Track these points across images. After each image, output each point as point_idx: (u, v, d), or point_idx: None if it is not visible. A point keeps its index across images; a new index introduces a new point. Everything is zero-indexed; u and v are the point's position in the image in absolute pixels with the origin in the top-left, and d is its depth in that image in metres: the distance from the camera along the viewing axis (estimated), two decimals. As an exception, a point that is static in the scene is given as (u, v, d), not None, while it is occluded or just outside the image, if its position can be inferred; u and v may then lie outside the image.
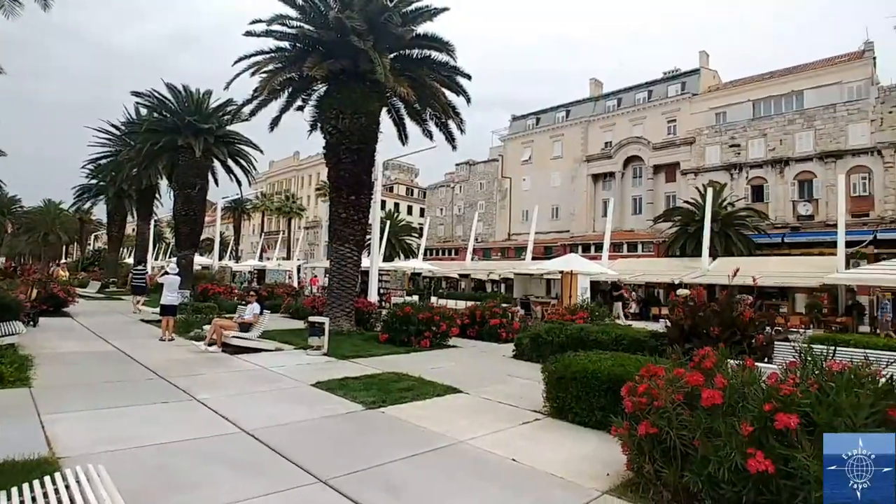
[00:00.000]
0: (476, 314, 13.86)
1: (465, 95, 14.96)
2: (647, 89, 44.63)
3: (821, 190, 30.94)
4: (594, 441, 5.17)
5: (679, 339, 7.64)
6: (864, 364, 3.81)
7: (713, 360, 4.01)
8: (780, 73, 37.46)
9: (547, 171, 48.49)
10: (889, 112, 29.49)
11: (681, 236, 29.16)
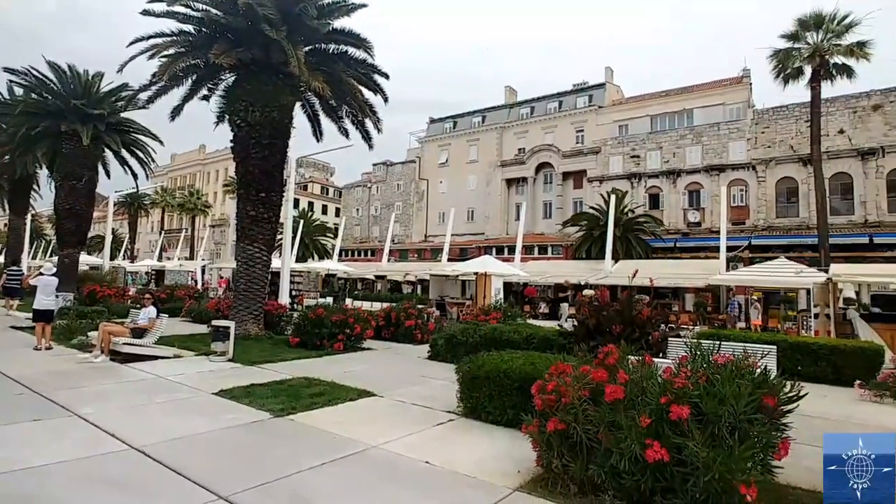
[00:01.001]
0: (391, 316, 13.73)
1: (383, 94, 14.81)
2: (559, 99, 46.86)
3: (707, 200, 34.16)
4: (507, 439, 5.27)
5: (585, 337, 8.05)
6: (745, 356, 4.20)
7: (616, 356, 4.23)
8: (674, 92, 40.91)
9: (463, 174, 49.35)
10: (762, 132, 33.21)
11: (587, 240, 30.90)
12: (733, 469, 3.17)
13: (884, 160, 29.17)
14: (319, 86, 12.64)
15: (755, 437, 3.51)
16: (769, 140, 32.82)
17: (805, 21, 25.71)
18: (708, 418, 3.48)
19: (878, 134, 29.51)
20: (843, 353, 9.47)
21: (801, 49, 25.80)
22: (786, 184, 32.13)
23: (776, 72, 26.83)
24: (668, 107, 39.65)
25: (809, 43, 25.55)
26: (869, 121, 29.90)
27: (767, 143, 32.83)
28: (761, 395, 3.64)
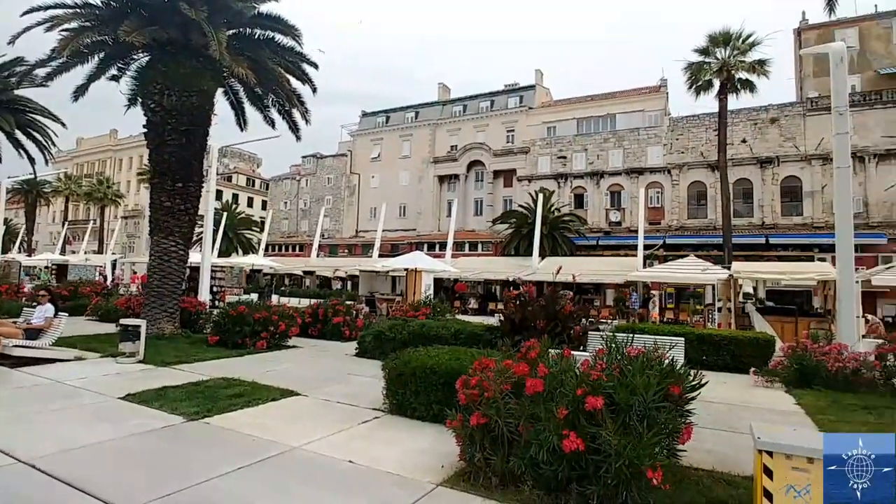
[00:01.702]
0: (318, 312, 13.39)
1: (311, 84, 14.36)
2: (490, 99, 47.67)
3: (627, 200, 36.10)
4: (432, 435, 5.28)
5: (510, 331, 8.24)
6: (654, 349, 4.47)
7: (537, 351, 4.35)
8: (599, 97, 42.83)
9: (395, 169, 49.05)
10: (676, 139, 35.55)
11: (515, 237, 31.73)
12: (641, 455, 3.35)
13: (779, 168, 32.16)
14: (243, 72, 12.04)
15: (662, 423, 3.74)
16: (682, 146, 35.19)
17: (715, 38, 27.78)
18: (620, 408, 3.66)
19: (775, 144, 32.48)
20: (740, 343, 10.35)
21: (711, 63, 27.85)
22: (696, 187, 34.61)
23: (689, 83, 28.81)
24: (594, 111, 41.46)
25: (718, 58, 27.64)
26: (767, 132, 32.83)
27: (681, 150, 35.19)
28: (668, 385, 3.89)
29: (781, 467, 3.36)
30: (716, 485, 4.24)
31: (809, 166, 31.17)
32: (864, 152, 29.45)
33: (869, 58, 33.21)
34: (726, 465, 4.67)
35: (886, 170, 29.51)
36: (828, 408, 7.12)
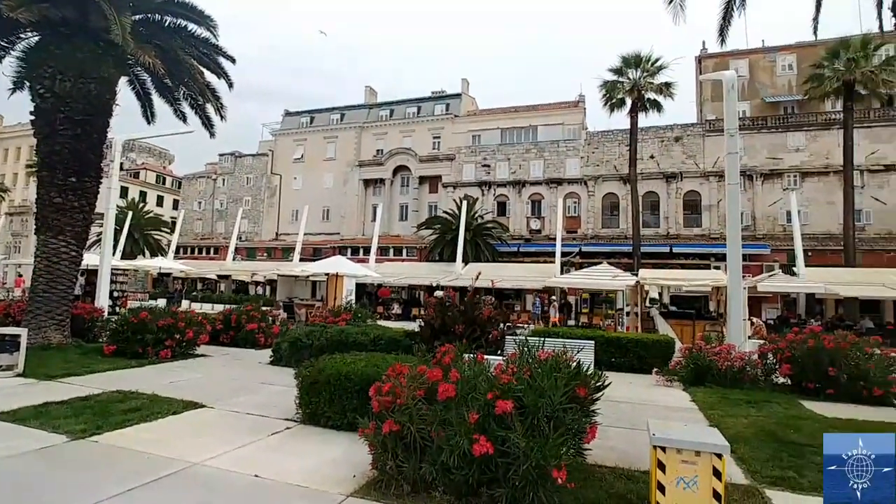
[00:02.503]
0: (231, 318, 12.70)
1: (227, 79, 13.67)
2: (417, 105, 47.85)
3: (547, 209, 37.56)
4: (345, 444, 5.14)
5: (430, 337, 8.24)
6: (563, 352, 4.63)
7: (451, 356, 4.37)
8: (522, 109, 44.29)
9: (319, 171, 47.85)
10: (592, 152, 37.54)
11: (440, 243, 31.98)
12: (548, 456, 3.45)
13: (682, 183, 34.87)
14: (150, 61, 11.24)
15: (568, 424, 3.88)
16: (598, 159, 37.22)
17: (628, 59, 29.75)
18: (529, 410, 3.75)
19: (678, 161, 35.19)
20: (645, 345, 11.05)
21: (623, 83, 29.78)
22: (610, 199, 36.70)
23: (605, 100, 30.64)
24: (517, 122, 42.82)
25: (630, 78, 29.62)
26: (672, 149, 35.52)
27: (596, 162, 37.20)
28: (574, 386, 4.04)
29: (673, 461, 3.60)
30: (618, 480, 4.46)
31: (707, 182, 34.05)
32: (752, 171, 32.64)
33: (757, 87, 36.92)
34: (628, 461, 4.93)
35: (770, 188, 32.88)
36: (718, 403, 7.75)
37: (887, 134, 30.58)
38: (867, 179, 30.56)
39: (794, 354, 8.98)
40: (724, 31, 11.56)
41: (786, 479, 4.65)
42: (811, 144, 32.56)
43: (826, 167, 31.36)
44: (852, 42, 25.99)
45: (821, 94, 27.61)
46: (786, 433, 6.10)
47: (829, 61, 26.80)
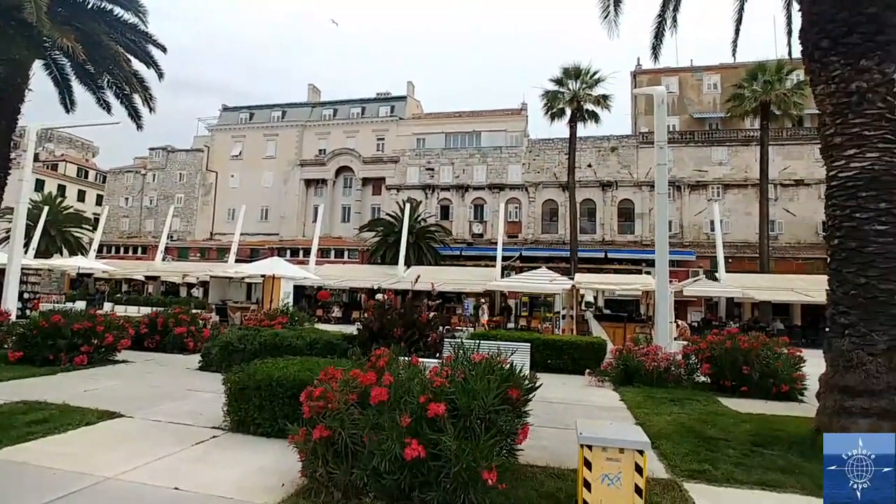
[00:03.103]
0: (158, 322, 12.00)
1: (157, 69, 12.96)
2: (362, 105, 47.33)
3: (489, 214, 38.15)
4: (275, 452, 4.97)
5: (369, 340, 8.14)
6: (497, 354, 4.70)
7: (386, 359, 4.33)
8: (467, 114, 44.81)
9: (259, 169, 46.28)
10: (533, 159, 38.54)
11: (382, 245, 31.75)
12: (479, 458, 3.48)
13: (617, 191, 36.45)
14: (69, 44, 10.45)
15: (500, 426, 3.93)
16: (539, 166, 38.24)
17: (568, 70, 30.80)
18: (462, 413, 3.77)
19: (614, 170, 36.77)
20: (579, 347, 11.43)
21: (564, 93, 30.79)
22: (549, 205, 37.78)
23: (546, 109, 31.56)
24: (461, 126, 43.26)
25: (570, 89, 30.68)
26: (608, 159, 37.06)
27: (537, 169, 38.21)
28: (507, 388, 4.11)
29: (599, 458, 3.73)
30: (548, 479, 4.57)
31: (641, 191, 35.77)
32: (680, 182, 34.62)
33: (686, 103, 39.25)
34: (559, 460, 5.06)
35: (696, 198, 35.01)
36: (644, 402, 8.13)
37: (797, 151, 33.34)
38: (780, 193, 33.16)
39: (713, 355, 9.57)
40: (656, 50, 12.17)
41: (702, 471, 4.93)
42: (732, 159, 34.99)
43: (745, 180, 33.76)
44: (768, 66, 28.21)
45: (741, 112, 29.82)
46: (704, 429, 6.48)
47: (749, 83, 28.96)
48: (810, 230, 31.75)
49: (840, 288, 5.80)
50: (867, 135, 5.70)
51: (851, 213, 5.74)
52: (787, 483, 4.69)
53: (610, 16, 10.73)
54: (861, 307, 5.53)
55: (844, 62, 5.84)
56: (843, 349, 5.59)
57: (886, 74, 5.72)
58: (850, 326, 5.58)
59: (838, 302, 5.80)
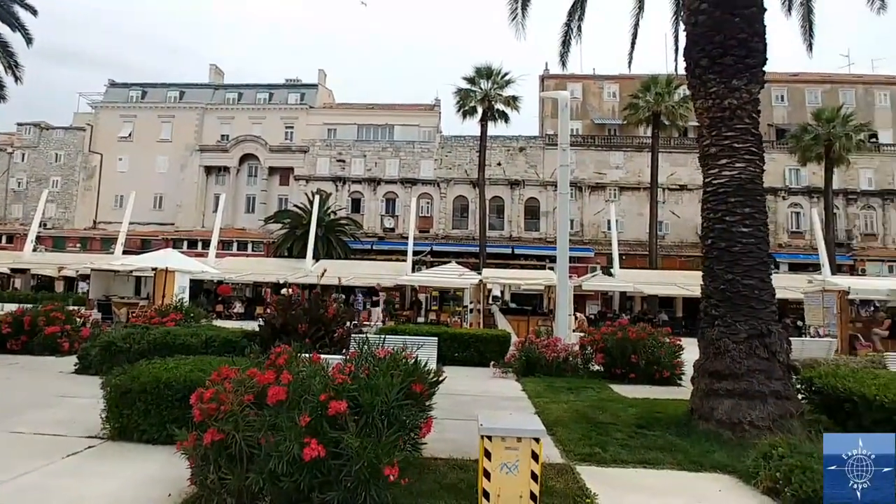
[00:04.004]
0: (24, 320, 10.65)
1: (26, 33, 11.41)
2: (269, 91, 45.10)
3: (401, 208, 38.11)
4: (162, 460, 4.61)
5: (270, 337, 7.81)
6: (402, 349, 4.70)
7: (286, 356, 4.17)
8: (380, 107, 44.30)
9: (151, 153, 42.55)
10: (445, 155, 39.02)
11: (289, 238, 30.61)
12: (381, 454, 3.46)
13: (524, 190, 37.96)
14: None
15: (404, 420, 3.94)
16: (450, 163, 38.78)
17: (480, 70, 31.50)
18: (364, 409, 3.72)
19: (522, 170, 38.24)
20: (484, 340, 11.79)
21: (476, 92, 31.46)
22: (460, 201, 38.50)
23: (458, 107, 32.08)
24: (374, 119, 42.71)
25: (482, 89, 31.40)
26: (516, 159, 38.46)
27: (449, 166, 38.74)
28: (411, 383, 4.12)
29: (498, 448, 3.85)
30: (451, 471, 4.66)
31: (546, 191, 37.51)
32: (581, 183, 36.76)
33: (588, 109, 41.68)
34: (462, 452, 5.17)
35: (596, 198, 37.40)
36: (544, 391, 8.55)
37: (682, 159, 36.67)
38: (667, 196, 36.32)
39: (606, 345, 10.30)
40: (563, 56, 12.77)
41: (593, 454, 5.28)
42: (628, 163, 37.77)
43: (638, 184, 36.55)
44: (659, 80, 30.73)
45: (636, 120, 32.27)
46: (596, 414, 6.94)
47: (643, 94, 31.37)
48: (692, 231, 35.08)
49: (712, 283, 6.47)
50: (737, 147, 6.39)
51: (722, 217, 6.41)
52: (665, 460, 5.16)
53: (518, 18, 11.10)
54: (728, 300, 6.20)
55: (720, 80, 6.49)
56: (713, 338, 6.24)
57: (752, 94, 6.45)
58: (720, 318, 6.25)
59: (710, 296, 6.47)
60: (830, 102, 36.33)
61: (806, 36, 11.09)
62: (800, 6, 10.70)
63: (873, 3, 9.89)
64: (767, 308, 6.14)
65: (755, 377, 5.82)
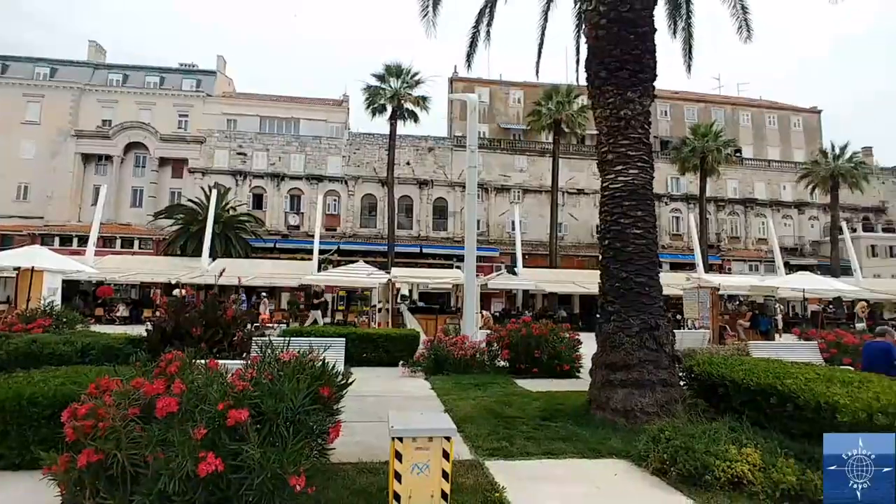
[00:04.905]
0: None
1: None
2: (161, 75, 41.44)
3: (306, 205, 36.80)
4: (26, 488, 4.04)
5: (160, 342, 7.14)
6: (309, 351, 4.50)
7: (178, 364, 3.82)
8: (285, 99, 42.45)
9: (14, 136, 37.31)
10: (354, 152, 38.29)
11: (182, 235, 28.41)
12: (286, 464, 3.27)
13: (432, 190, 38.30)
14: None
15: (311, 426, 3.76)
16: (359, 160, 38.14)
17: (390, 68, 31.27)
18: (268, 417, 3.51)
19: (430, 170, 38.56)
20: (393, 339, 11.71)
21: (385, 90, 31.19)
22: (369, 199, 37.99)
23: (367, 104, 31.61)
24: (278, 112, 40.84)
25: (392, 87, 31.19)
26: (425, 158, 38.71)
27: (357, 163, 38.08)
28: (318, 387, 3.95)
29: (409, 449, 3.81)
30: (360, 475, 4.55)
31: (454, 191, 38.14)
32: (488, 185, 37.82)
33: (495, 113, 42.99)
34: (373, 454, 5.07)
35: (501, 200, 38.68)
36: (452, 389, 8.66)
37: (580, 165, 39.03)
38: (566, 199, 38.45)
39: (511, 341, 10.66)
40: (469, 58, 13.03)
41: (501, 449, 5.42)
42: (531, 167, 39.50)
43: (540, 187, 38.33)
44: (561, 89, 32.47)
45: (538, 127, 33.86)
46: (503, 409, 7.14)
47: (545, 102, 32.97)
48: (588, 232, 37.45)
49: (608, 281, 6.91)
50: (631, 154, 6.89)
51: (617, 219, 6.88)
52: (567, 450, 5.42)
53: (429, 15, 11.16)
54: (622, 297, 6.67)
55: (616, 92, 6.96)
56: (609, 332, 6.68)
57: (645, 106, 6.99)
58: (615, 313, 6.70)
59: (607, 293, 6.92)
60: (704, 119, 40.89)
61: (686, 58, 12.24)
62: (682, 30, 11.78)
63: (741, 33, 11.15)
64: (656, 303, 6.68)
65: (646, 367, 6.30)
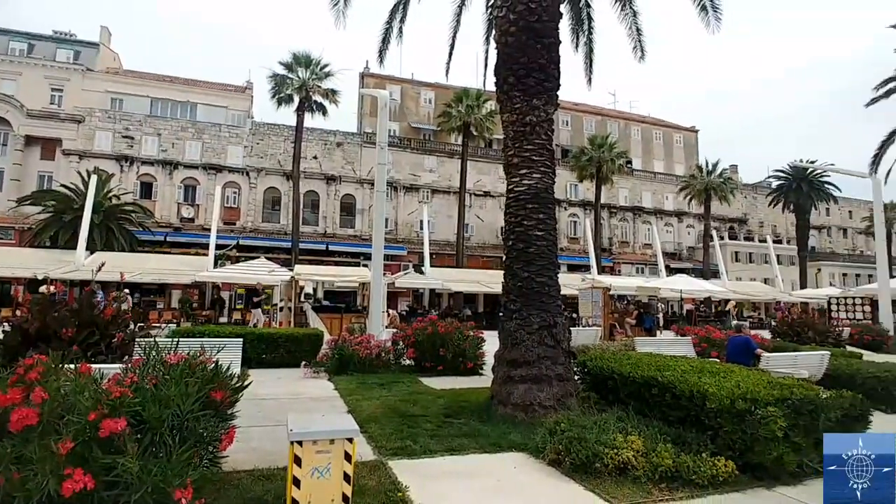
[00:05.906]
0: None
1: None
2: (29, 41, 36.52)
3: (203, 197, 34.34)
4: None
5: (21, 346, 6.28)
6: (200, 353, 4.19)
7: (41, 369, 3.36)
8: (180, 81, 39.19)
9: None
10: (257, 143, 36.37)
11: (53, 224, 25.23)
12: (171, 476, 3.00)
13: (340, 186, 37.43)
14: None
15: (201, 433, 3.49)
16: (262, 151, 36.29)
17: (299, 57, 30.09)
18: (151, 425, 3.20)
19: (339, 165, 37.66)
20: (295, 339, 11.25)
21: (293, 80, 29.94)
22: (272, 193, 36.27)
23: (273, 93, 30.18)
24: (172, 94, 37.65)
25: (300, 77, 30.02)
26: (334, 154, 37.73)
27: (260, 154, 36.21)
28: (209, 391, 3.68)
29: (309, 453, 3.66)
30: (256, 483, 4.31)
31: (362, 188, 37.57)
32: (397, 183, 37.72)
33: (405, 112, 42.95)
34: (270, 460, 4.82)
35: (410, 199, 38.74)
36: (356, 389, 8.50)
37: (487, 168, 40.18)
38: (473, 201, 39.40)
39: (417, 340, 10.69)
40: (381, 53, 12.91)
41: (404, 448, 5.40)
42: (440, 168, 39.98)
43: (449, 188, 38.93)
44: (470, 93, 33.18)
45: (448, 128, 34.36)
46: (407, 408, 7.14)
47: (456, 104, 33.52)
48: (493, 233, 38.63)
49: (511, 281, 7.16)
50: (535, 159, 7.18)
51: (521, 221, 7.14)
52: (470, 446, 5.53)
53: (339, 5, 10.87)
54: (524, 296, 6.93)
55: (523, 98, 7.22)
56: (511, 329, 6.92)
57: (549, 114, 7.33)
58: (517, 311, 6.95)
59: (509, 292, 7.16)
60: (600, 131, 43.93)
61: (587, 71, 13.05)
62: (584, 45, 12.53)
63: (636, 53, 12.09)
64: (555, 302, 7.03)
65: (544, 363, 6.60)
